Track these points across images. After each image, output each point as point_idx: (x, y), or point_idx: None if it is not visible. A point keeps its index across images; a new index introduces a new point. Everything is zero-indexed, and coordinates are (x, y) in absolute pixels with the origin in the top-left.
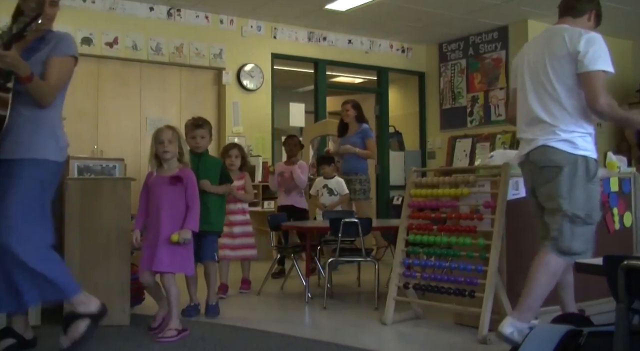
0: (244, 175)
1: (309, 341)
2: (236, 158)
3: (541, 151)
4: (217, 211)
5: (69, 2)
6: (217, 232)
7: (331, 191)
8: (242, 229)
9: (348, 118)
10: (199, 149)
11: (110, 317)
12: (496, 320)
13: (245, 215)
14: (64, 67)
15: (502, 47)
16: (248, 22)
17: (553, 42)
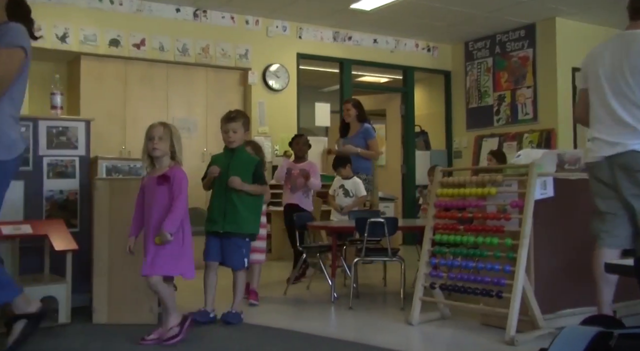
0: None
1: (335, 341)
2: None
3: (632, 156)
4: (247, 211)
5: (97, 5)
6: (247, 234)
7: (347, 192)
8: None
9: (349, 118)
10: (231, 144)
11: (138, 316)
12: (524, 321)
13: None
14: (10, 58)
15: (529, 45)
16: (273, 23)
17: (632, 48)
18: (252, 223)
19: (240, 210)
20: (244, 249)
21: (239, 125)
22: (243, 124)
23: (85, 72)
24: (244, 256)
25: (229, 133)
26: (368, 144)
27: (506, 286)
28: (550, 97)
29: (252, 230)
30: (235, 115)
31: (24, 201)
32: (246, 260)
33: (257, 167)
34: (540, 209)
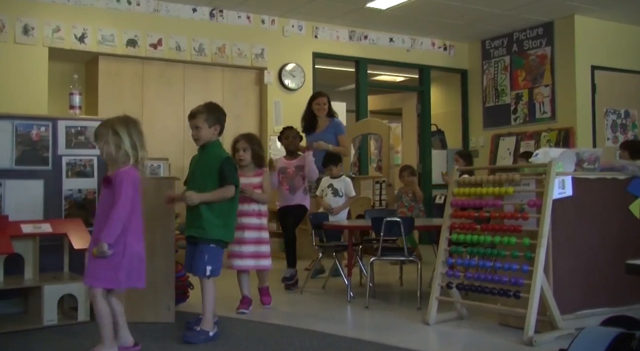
0: (262, 172)
1: (352, 341)
2: (245, 152)
3: None
4: (211, 214)
5: (115, 5)
6: (211, 239)
7: (336, 191)
8: (256, 235)
9: (323, 112)
10: (196, 142)
11: (155, 314)
12: (542, 322)
13: (261, 218)
14: None
15: (547, 43)
16: (289, 22)
17: None
18: (218, 228)
19: (202, 214)
20: (207, 255)
21: (201, 121)
22: (206, 120)
23: (103, 72)
24: (206, 263)
25: (193, 131)
26: (338, 140)
27: (524, 286)
28: (568, 95)
29: (218, 235)
30: (197, 111)
31: (43, 200)
32: (209, 268)
33: (223, 165)
34: (559, 208)
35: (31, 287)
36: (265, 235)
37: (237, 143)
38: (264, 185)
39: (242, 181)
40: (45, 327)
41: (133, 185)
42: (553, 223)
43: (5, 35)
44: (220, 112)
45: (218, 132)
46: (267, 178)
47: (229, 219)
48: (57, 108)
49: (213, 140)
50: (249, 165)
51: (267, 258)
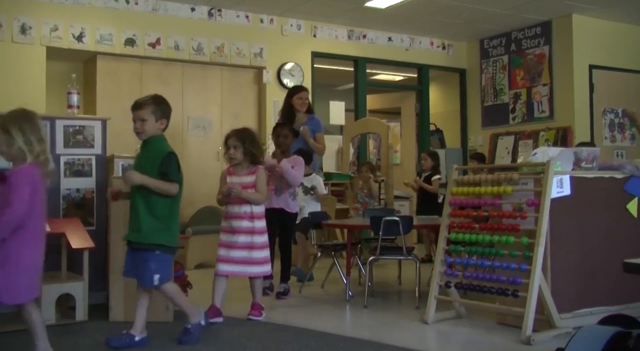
0: (256, 170)
1: (350, 340)
2: (236, 150)
3: None
4: (152, 216)
5: (113, 4)
6: (153, 245)
7: (307, 189)
8: (248, 239)
9: (304, 107)
10: (139, 136)
11: (154, 314)
12: (540, 321)
13: (253, 221)
14: None
15: (545, 43)
16: (288, 21)
17: None
18: (160, 232)
19: (142, 216)
20: (153, 264)
21: (146, 113)
22: (154, 112)
23: (102, 72)
24: (153, 272)
25: (136, 123)
26: (316, 137)
27: (522, 285)
28: (566, 94)
29: (160, 239)
30: (143, 102)
31: None
32: (157, 277)
33: (164, 160)
34: (557, 208)
35: None
36: (259, 240)
37: (228, 140)
38: (257, 184)
39: (234, 180)
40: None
41: (31, 184)
42: (551, 222)
43: (2, 35)
44: (168, 106)
45: (164, 127)
46: (261, 177)
47: (171, 222)
48: (55, 107)
49: (157, 134)
50: (242, 163)
51: (260, 265)
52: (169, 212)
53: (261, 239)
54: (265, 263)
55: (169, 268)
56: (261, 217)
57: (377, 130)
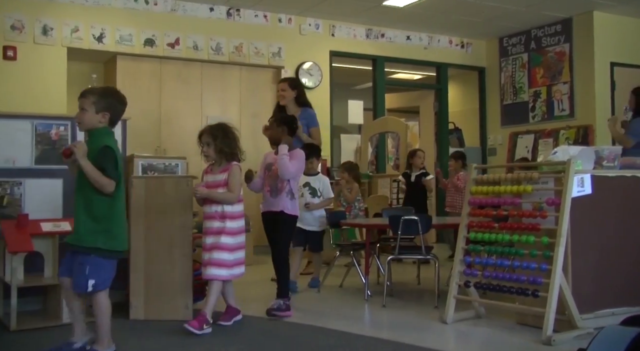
0: (229, 167)
1: (369, 339)
2: (208, 147)
3: None
4: (89, 217)
5: (132, 5)
6: (89, 248)
7: (314, 191)
8: (212, 240)
9: (284, 100)
10: (79, 126)
11: (173, 313)
12: (561, 321)
13: (224, 221)
14: None
15: (565, 40)
16: (306, 21)
17: None
18: (97, 234)
19: (79, 217)
20: (88, 268)
21: (88, 103)
22: (95, 103)
23: (122, 72)
24: (87, 277)
25: (78, 112)
26: (310, 132)
27: (542, 285)
28: (587, 92)
29: (98, 243)
30: (88, 91)
31: (62, 199)
32: (91, 282)
33: (99, 155)
34: (578, 207)
35: (50, 285)
36: (226, 241)
37: (200, 137)
38: (229, 182)
39: (208, 179)
40: (64, 324)
41: None
42: (572, 221)
43: (24, 36)
44: (116, 100)
45: (107, 120)
46: (234, 175)
47: (112, 224)
48: (75, 107)
49: (99, 127)
50: (218, 160)
51: (219, 268)
52: (109, 212)
53: (232, 240)
54: (234, 266)
55: (107, 274)
56: (235, 217)
57: (395, 129)
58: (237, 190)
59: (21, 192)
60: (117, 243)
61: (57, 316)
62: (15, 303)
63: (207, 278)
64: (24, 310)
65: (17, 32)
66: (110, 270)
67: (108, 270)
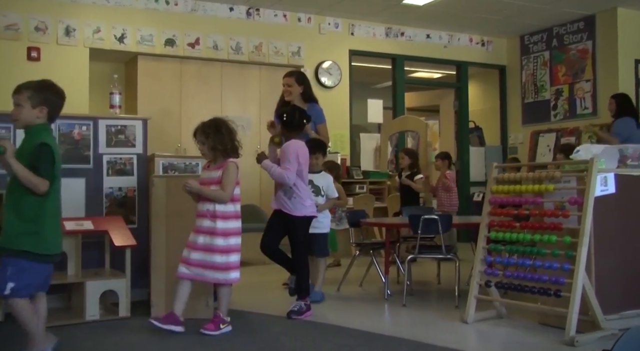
0: (224, 165)
1: (389, 338)
2: (203, 146)
3: None
4: (16, 215)
5: (153, 5)
6: (16, 251)
7: (318, 190)
8: (207, 241)
9: (291, 96)
10: (15, 124)
11: (194, 311)
12: (584, 322)
13: (216, 221)
14: None
15: (588, 38)
16: (326, 20)
17: None
18: (24, 236)
19: (7, 217)
20: (9, 269)
21: (24, 99)
22: (30, 98)
23: (143, 72)
24: (7, 279)
25: (13, 109)
26: (317, 129)
27: (565, 285)
28: (611, 90)
29: (25, 245)
30: (23, 86)
31: (85, 198)
32: (10, 285)
33: (34, 152)
34: (601, 206)
35: (74, 283)
36: (220, 242)
37: (194, 135)
38: (222, 180)
39: (204, 175)
40: (88, 322)
41: None
42: (595, 221)
43: (48, 37)
44: (53, 93)
45: (45, 115)
46: (228, 172)
47: (41, 226)
48: (97, 107)
49: (36, 123)
50: (213, 158)
51: (220, 271)
52: (39, 213)
53: (223, 242)
54: (229, 270)
55: (31, 279)
56: (227, 218)
57: (415, 128)
58: (230, 189)
59: None
60: (47, 246)
61: (81, 313)
62: None
63: (211, 282)
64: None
65: (40, 33)
66: (36, 275)
67: (34, 275)
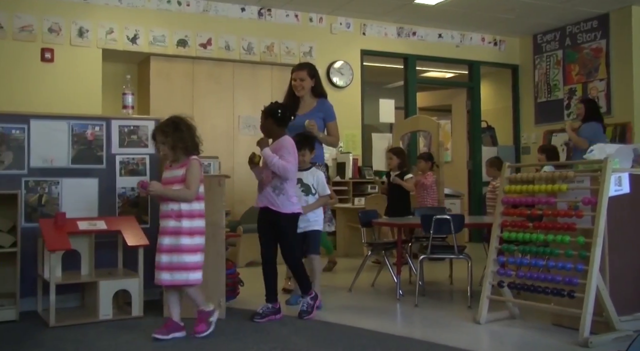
0: (187, 163)
1: (401, 339)
2: (164, 146)
3: None
4: None
5: (165, 6)
6: None
7: (308, 189)
8: (173, 241)
9: (303, 90)
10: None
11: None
12: (598, 323)
13: (181, 220)
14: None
15: (602, 36)
16: (337, 19)
17: None
18: None
19: None
20: None
21: None
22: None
23: (155, 72)
24: None
25: None
26: (327, 126)
27: (579, 286)
28: (625, 89)
29: None
30: None
31: (98, 198)
32: None
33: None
34: (615, 206)
35: (87, 283)
36: (186, 242)
37: (154, 137)
38: (186, 178)
39: (166, 175)
40: (101, 321)
41: None
42: (609, 221)
43: (61, 38)
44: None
45: None
46: (192, 170)
47: None
48: (110, 108)
49: None
50: (176, 157)
51: (186, 271)
52: None
53: (190, 241)
54: (191, 270)
55: None
56: (193, 216)
57: (427, 128)
58: (195, 187)
59: (58, 191)
60: None
61: (95, 312)
62: (54, 300)
63: (175, 284)
64: (62, 307)
65: (54, 35)
66: None
67: None
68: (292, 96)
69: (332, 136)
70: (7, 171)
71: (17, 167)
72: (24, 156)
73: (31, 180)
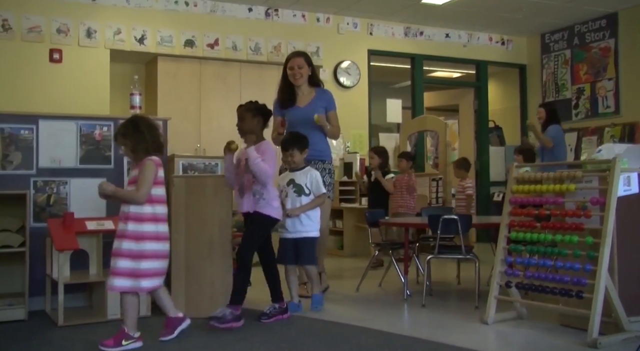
0: (142, 164)
1: (408, 339)
2: (126, 148)
3: None
4: None
5: (173, 7)
6: None
7: (300, 189)
8: (116, 245)
9: (302, 78)
10: None
11: (213, 310)
12: (607, 323)
13: (127, 223)
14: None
15: (610, 36)
16: (344, 19)
17: None
18: None
19: None
20: None
21: None
22: None
23: (162, 73)
24: None
25: None
26: (329, 116)
27: (587, 286)
28: (634, 88)
29: None
30: None
31: None
32: None
33: None
34: (624, 206)
35: (95, 282)
36: (126, 246)
37: (115, 141)
38: (138, 180)
39: (130, 175)
40: (109, 320)
41: None
42: (618, 221)
43: (70, 39)
44: None
45: None
46: (144, 171)
47: None
48: (118, 108)
49: None
50: (138, 159)
51: (123, 278)
52: None
53: (135, 246)
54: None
55: None
56: (142, 220)
57: (434, 128)
58: (144, 189)
59: (67, 191)
60: None
61: (103, 312)
62: (62, 299)
63: (108, 289)
64: (70, 306)
65: (62, 35)
66: None
67: None
68: (288, 87)
69: (334, 126)
70: (16, 171)
71: (26, 167)
72: (32, 156)
73: (40, 180)
